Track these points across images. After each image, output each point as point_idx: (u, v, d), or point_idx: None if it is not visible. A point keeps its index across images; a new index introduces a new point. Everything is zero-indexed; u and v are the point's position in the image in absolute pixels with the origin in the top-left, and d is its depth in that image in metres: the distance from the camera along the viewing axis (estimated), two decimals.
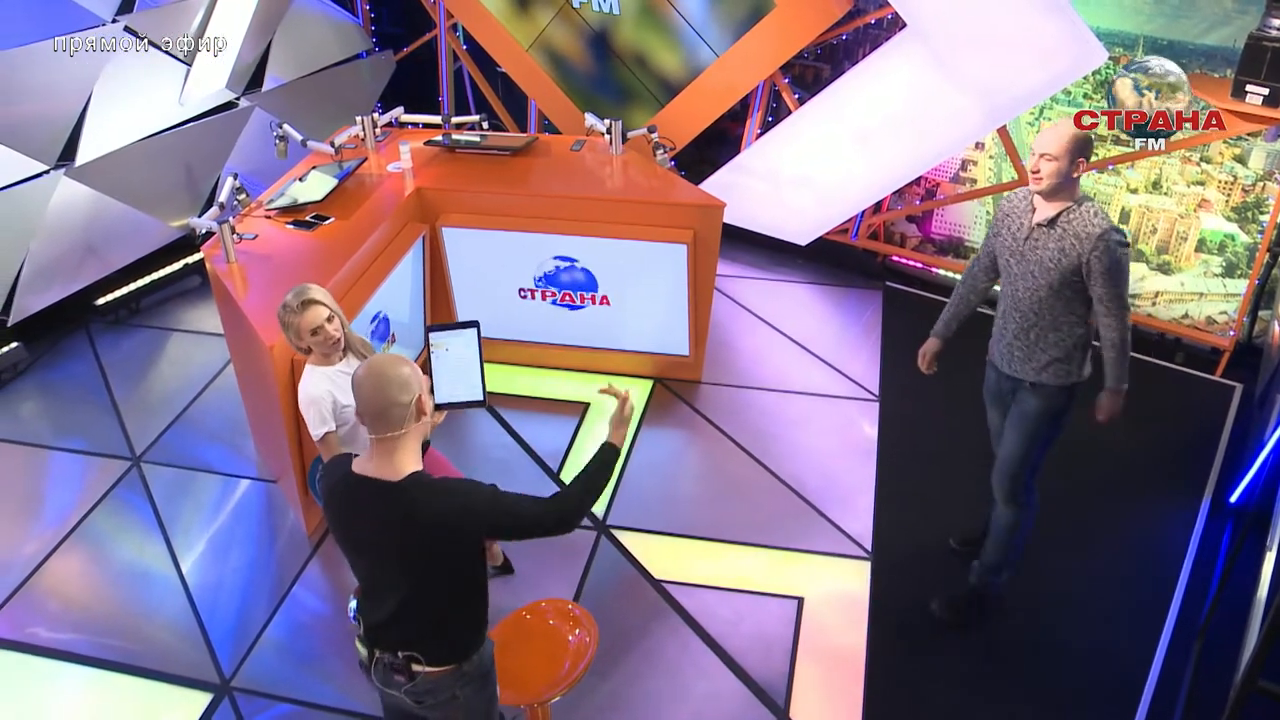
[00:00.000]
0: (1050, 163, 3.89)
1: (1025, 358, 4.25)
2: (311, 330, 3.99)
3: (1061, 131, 3.91)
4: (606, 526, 5.33)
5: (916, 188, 7.23)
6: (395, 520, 2.85)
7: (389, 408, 2.82)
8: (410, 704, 3.13)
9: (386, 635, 3.06)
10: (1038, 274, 4.06)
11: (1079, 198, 3.99)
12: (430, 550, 2.87)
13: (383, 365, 2.86)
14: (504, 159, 6.31)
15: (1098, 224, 3.90)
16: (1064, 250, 3.96)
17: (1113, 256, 3.90)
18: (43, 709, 4.53)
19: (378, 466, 2.88)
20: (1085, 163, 3.94)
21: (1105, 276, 3.94)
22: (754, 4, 6.83)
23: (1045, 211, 4.02)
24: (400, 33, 9.12)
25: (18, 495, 5.72)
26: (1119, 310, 4.02)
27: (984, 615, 4.75)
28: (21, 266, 6.62)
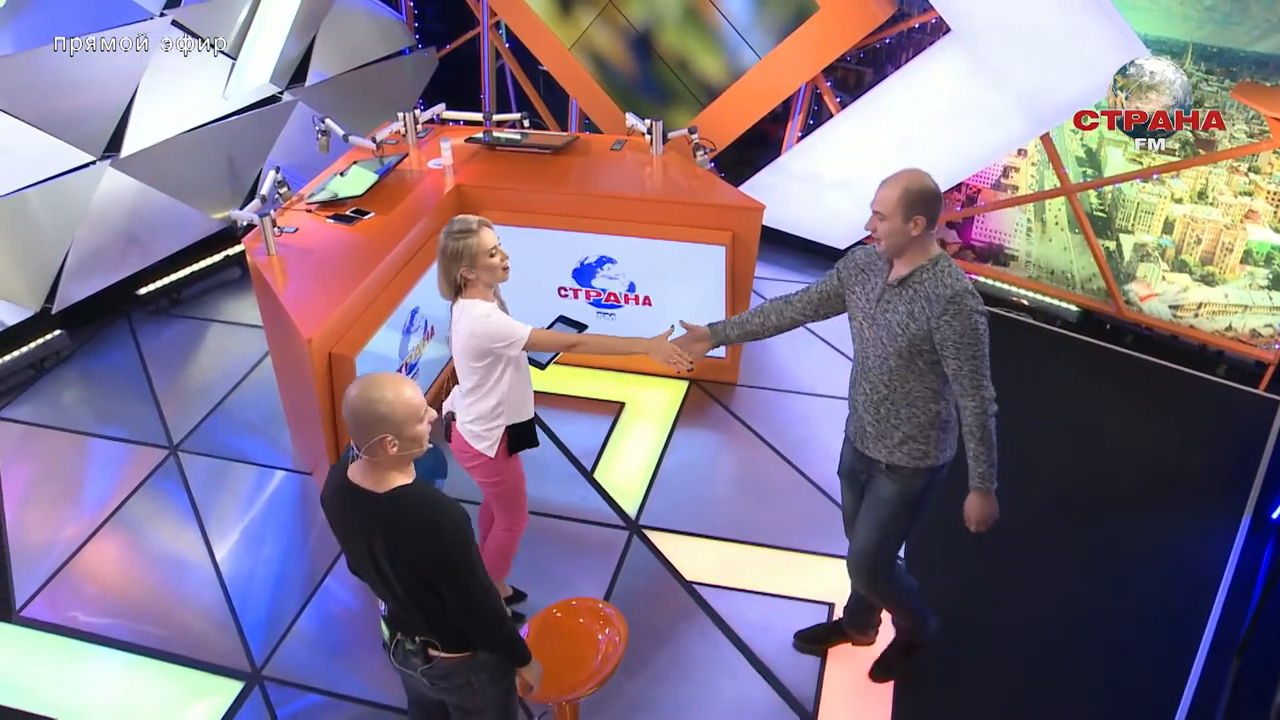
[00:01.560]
0: (883, 221, 3.49)
1: (877, 434, 3.80)
2: (489, 250, 3.84)
3: (891, 189, 3.47)
4: (639, 526, 5.32)
5: (957, 194, 7.17)
6: (376, 531, 2.88)
7: (357, 434, 2.83)
8: (427, 686, 3.19)
9: (404, 622, 3.12)
10: (887, 340, 3.61)
11: (934, 257, 3.53)
12: (408, 559, 2.88)
13: (363, 394, 2.80)
14: (544, 157, 6.32)
15: (949, 285, 3.46)
16: (913, 314, 3.52)
17: (965, 323, 3.45)
18: (78, 691, 4.57)
19: (364, 475, 2.90)
20: (924, 221, 3.45)
21: (957, 347, 3.49)
22: (797, 6, 6.80)
23: (898, 270, 3.58)
24: (443, 30, 9.16)
25: (58, 480, 5.79)
26: (975, 389, 3.57)
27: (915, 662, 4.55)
28: (66, 255, 6.71)
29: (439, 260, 3.89)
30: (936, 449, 3.79)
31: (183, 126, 7.15)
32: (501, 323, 3.85)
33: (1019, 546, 5.14)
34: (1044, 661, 4.60)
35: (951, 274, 3.50)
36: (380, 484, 2.88)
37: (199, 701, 4.50)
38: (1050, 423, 5.99)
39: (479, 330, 3.85)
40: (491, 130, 6.60)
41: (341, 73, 8.21)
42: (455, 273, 3.86)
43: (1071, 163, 6.52)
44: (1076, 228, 6.67)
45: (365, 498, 2.88)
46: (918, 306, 3.51)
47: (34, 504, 5.61)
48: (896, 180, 3.49)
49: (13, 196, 6.30)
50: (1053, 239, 6.87)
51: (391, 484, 2.88)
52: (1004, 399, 5.94)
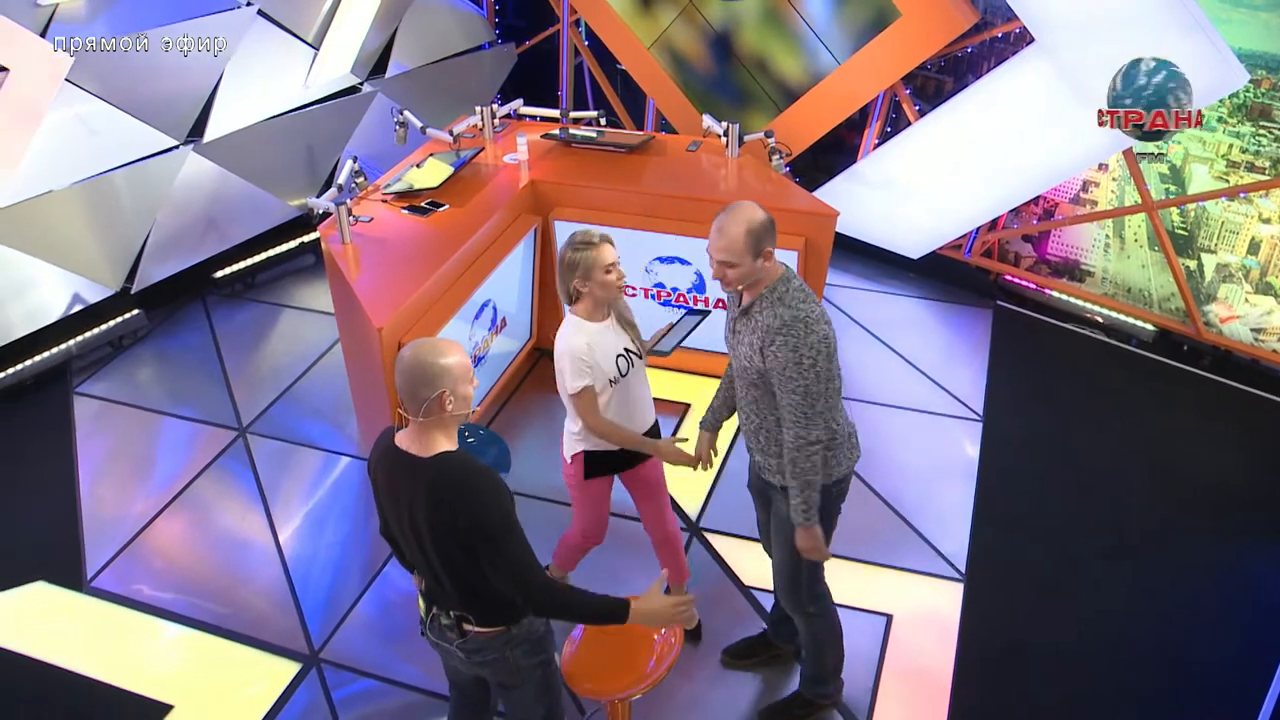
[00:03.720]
0: (733, 269, 3.36)
1: (763, 457, 3.70)
2: (606, 267, 3.84)
3: (732, 233, 3.31)
4: (699, 528, 5.30)
5: (1034, 206, 7.06)
6: (419, 496, 2.92)
7: (413, 395, 2.89)
8: (462, 660, 3.22)
9: (440, 596, 3.15)
10: (741, 370, 3.55)
11: (773, 283, 3.41)
12: (450, 529, 2.91)
13: (421, 353, 2.90)
14: (619, 156, 6.32)
15: (779, 315, 3.34)
16: (753, 345, 3.42)
17: (790, 354, 3.31)
18: (140, 663, 4.66)
19: (411, 441, 2.96)
20: (772, 250, 3.35)
21: (780, 377, 3.36)
22: (879, 12, 6.74)
23: (744, 300, 3.50)
24: (523, 26, 9.21)
25: (131, 456, 5.90)
26: (794, 422, 3.41)
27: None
28: (148, 237, 6.85)
29: (558, 268, 3.95)
30: (824, 467, 3.57)
31: (264, 114, 7.27)
32: (570, 360, 3.87)
33: (1086, 567, 5.06)
34: (1110, 687, 4.50)
35: (787, 301, 3.38)
36: (426, 448, 2.93)
37: (257, 680, 4.56)
38: (1122, 443, 5.87)
39: (557, 351, 3.93)
40: (568, 127, 6.62)
41: (421, 65, 8.29)
42: (570, 283, 3.89)
43: (1154, 179, 6.38)
44: (1156, 245, 6.53)
45: (411, 461, 2.94)
46: (755, 336, 3.42)
47: (107, 478, 5.73)
48: (731, 222, 3.33)
49: (99, 178, 6.45)
50: (1131, 256, 6.74)
51: (437, 448, 2.94)
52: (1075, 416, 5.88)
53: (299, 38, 7.26)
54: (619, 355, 3.98)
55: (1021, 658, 4.62)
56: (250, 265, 7.57)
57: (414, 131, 6.38)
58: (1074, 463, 5.73)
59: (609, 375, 3.95)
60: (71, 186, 6.35)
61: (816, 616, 4.02)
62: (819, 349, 3.35)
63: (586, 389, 3.89)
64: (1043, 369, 6.59)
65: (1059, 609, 4.84)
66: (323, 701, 4.47)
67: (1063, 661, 4.60)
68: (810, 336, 3.33)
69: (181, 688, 4.52)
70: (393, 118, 6.43)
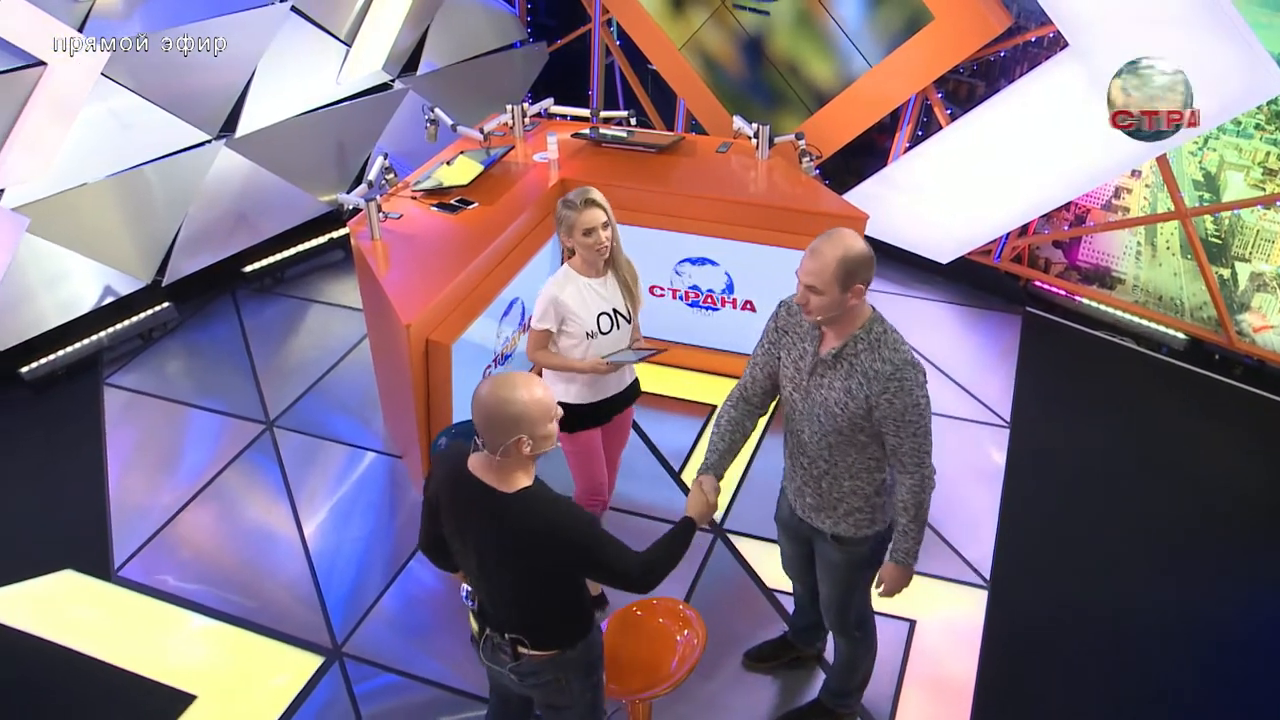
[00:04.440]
0: (817, 296, 3.15)
1: (817, 506, 3.56)
2: (585, 230, 3.99)
3: (825, 259, 3.11)
4: (723, 530, 5.29)
5: (1065, 213, 7.01)
6: (499, 528, 2.88)
7: (494, 438, 2.80)
8: (515, 682, 3.19)
9: (494, 618, 3.12)
10: (824, 419, 3.33)
11: (868, 322, 3.24)
12: (530, 559, 2.89)
13: (496, 392, 2.78)
14: (649, 156, 6.31)
15: (888, 360, 3.19)
16: (850, 391, 3.24)
17: (907, 399, 3.19)
18: (164, 653, 4.69)
19: (488, 472, 2.88)
20: (863, 288, 3.16)
21: (899, 424, 3.23)
22: (911, 16, 6.71)
23: (830, 341, 3.29)
24: (555, 25, 9.22)
25: (159, 447, 5.94)
26: (916, 466, 3.31)
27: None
28: (179, 230, 6.90)
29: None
30: (882, 515, 3.54)
31: (296, 110, 7.31)
32: (543, 301, 4.12)
33: (1112, 576, 5.02)
34: (1135, 697, 4.47)
35: (889, 344, 3.23)
36: (507, 483, 2.86)
37: (280, 672, 4.58)
38: (1151, 452, 5.83)
39: (540, 292, 4.15)
40: (598, 127, 6.62)
41: (453, 63, 8.31)
42: (561, 236, 4.08)
43: (1188, 186, 6.33)
44: (1189, 253, 6.48)
45: (490, 495, 2.86)
46: (855, 383, 3.23)
47: (135, 469, 5.77)
48: (828, 247, 3.14)
49: (132, 171, 6.51)
50: (1163, 264, 6.68)
51: (518, 484, 2.86)
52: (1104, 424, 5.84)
53: (332, 34, 7.30)
54: (603, 313, 4.13)
55: (1045, 666, 4.59)
56: (280, 260, 7.61)
57: (444, 129, 6.40)
58: (1102, 471, 5.69)
59: (586, 328, 4.12)
60: (105, 180, 6.40)
61: (860, 641, 4.00)
62: (925, 388, 3.26)
63: (544, 331, 4.13)
64: (1071, 376, 6.54)
65: (1084, 618, 4.81)
66: (345, 695, 4.48)
67: (1087, 671, 4.56)
68: (920, 377, 3.23)
69: (205, 678, 4.55)
70: (423, 115, 6.45)
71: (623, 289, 4.20)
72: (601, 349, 4.17)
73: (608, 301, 4.17)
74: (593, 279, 4.13)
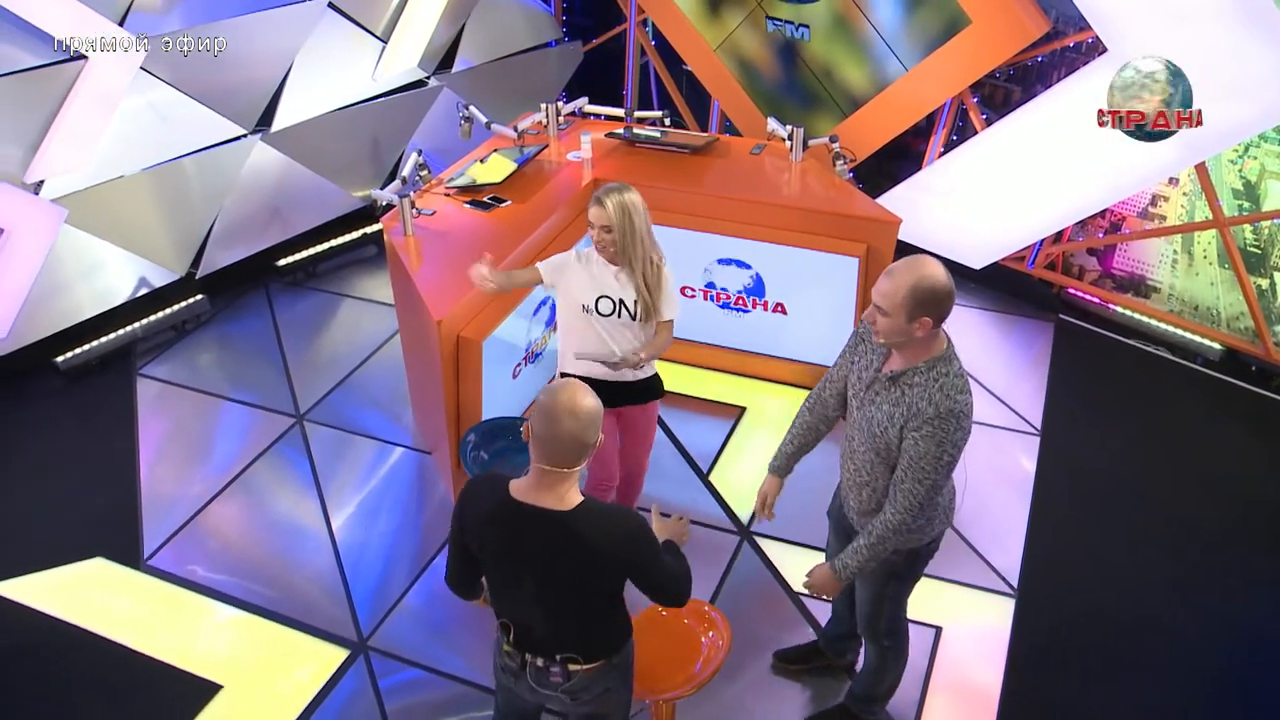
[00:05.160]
0: (884, 318, 3.11)
1: (859, 510, 3.58)
2: (590, 222, 4.12)
3: (898, 282, 3.05)
4: (750, 533, 5.28)
5: (1101, 220, 6.95)
6: (562, 549, 2.83)
7: (579, 448, 2.76)
8: (564, 701, 3.14)
9: (543, 642, 3.05)
10: (868, 435, 3.33)
11: (933, 358, 3.18)
12: (596, 572, 2.88)
13: (579, 402, 2.74)
14: (683, 157, 6.31)
15: (938, 404, 3.13)
16: (892, 418, 3.21)
17: (931, 446, 3.14)
18: (191, 642, 4.72)
19: (541, 495, 2.82)
20: (930, 322, 3.08)
21: (911, 463, 3.20)
22: (949, 19, 6.67)
23: (893, 363, 3.27)
24: (590, 24, 9.23)
25: (190, 439, 5.99)
26: (903, 510, 3.27)
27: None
28: (214, 224, 6.96)
29: None
30: (918, 534, 3.50)
31: (331, 105, 7.35)
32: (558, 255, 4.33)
33: (1142, 588, 4.97)
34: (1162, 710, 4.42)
35: (945, 386, 3.15)
36: (564, 502, 2.82)
37: (305, 664, 4.61)
38: (1184, 463, 5.77)
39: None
40: (632, 126, 6.62)
41: (488, 61, 8.33)
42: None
43: (1227, 194, 6.26)
44: (1226, 262, 6.41)
45: (546, 517, 2.81)
46: (899, 410, 3.20)
47: (166, 459, 5.82)
48: (904, 271, 3.08)
49: (169, 165, 6.56)
50: (1200, 273, 6.61)
51: (574, 500, 2.83)
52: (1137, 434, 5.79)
53: (368, 31, 7.33)
54: (604, 296, 4.19)
55: (1072, 676, 4.55)
56: (313, 254, 7.65)
57: (479, 127, 6.42)
58: (1133, 481, 5.64)
59: (580, 301, 4.23)
60: (142, 172, 6.47)
61: (890, 649, 3.99)
62: (960, 445, 3.19)
63: (537, 271, 4.30)
64: (1104, 385, 6.48)
65: (1112, 627, 4.76)
66: (369, 689, 4.50)
67: (1114, 681, 4.52)
68: (957, 433, 3.16)
69: (232, 669, 4.58)
70: (458, 112, 6.47)
71: (638, 288, 4.18)
72: (603, 330, 4.24)
73: (616, 290, 4.20)
74: (609, 265, 4.19)
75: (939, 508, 3.50)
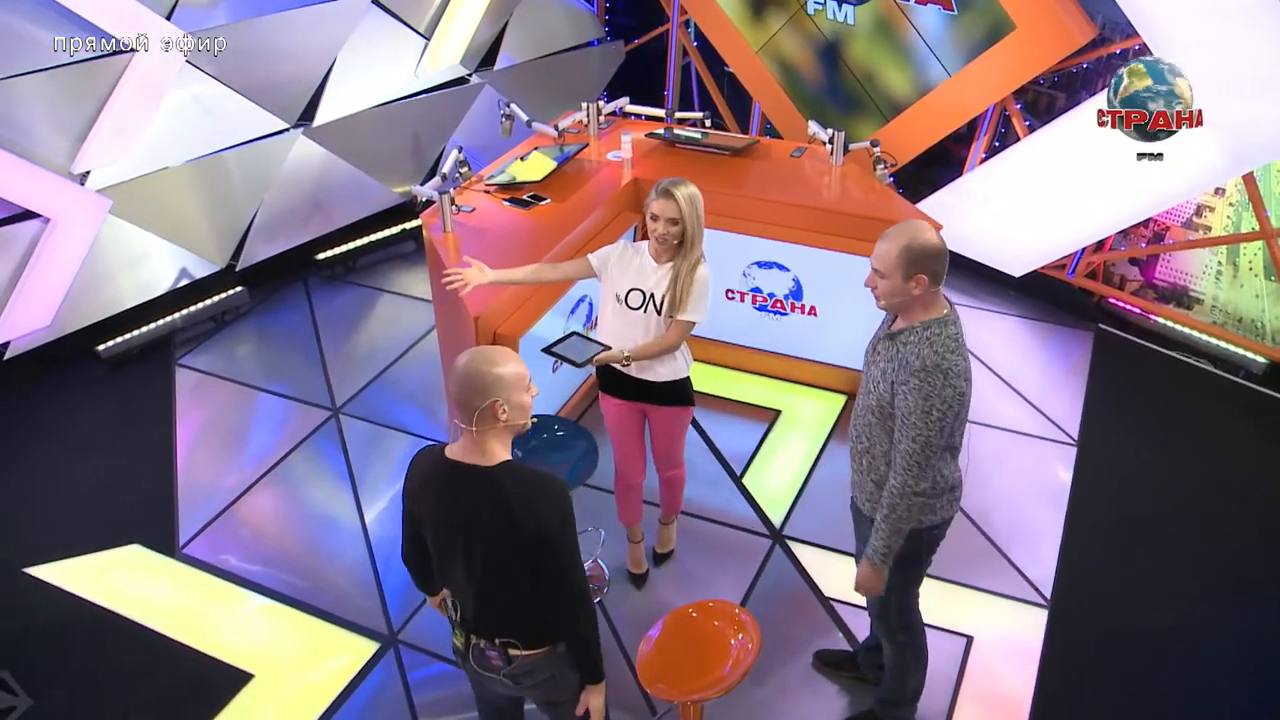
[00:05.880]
0: (882, 280, 3.28)
1: (860, 484, 3.64)
2: (651, 213, 4.09)
3: (892, 244, 3.23)
4: (782, 536, 5.26)
5: (1144, 229, 6.87)
6: (483, 504, 2.87)
7: (465, 405, 2.83)
8: (509, 686, 3.14)
9: (482, 623, 3.07)
10: (867, 389, 3.47)
11: (931, 319, 3.29)
12: (515, 536, 2.85)
13: (474, 362, 2.84)
14: (723, 158, 6.29)
15: (924, 356, 3.22)
16: (886, 373, 3.34)
17: (919, 400, 3.21)
18: (224, 631, 4.77)
19: (467, 453, 2.89)
20: (927, 280, 3.22)
21: (904, 421, 3.27)
22: (993, 24, 6.62)
23: (897, 324, 3.40)
24: (632, 24, 9.23)
25: (227, 429, 6.04)
26: (905, 469, 3.32)
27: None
28: (255, 216, 7.02)
29: None
30: (931, 506, 3.49)
31: (373, 101, 7.40)
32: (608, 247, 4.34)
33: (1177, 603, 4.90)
34: None
35: (935, 344, 3.24)
36: (487, 458, 2.87)
37: (335, 656, 4.63)
38: (1225, 478, 5.68)
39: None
40: (673, 127, 6.61)
41: (530, 59, 8.35)
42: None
43: (1275, 205, 6.17)
44: (1273, 275, 6.32)
45: (472, 472, 2.87)
46: (893, 366, 3.32)
47: (203, 449, 5.87)
48: (897, 235, 3.26)
49: (212, 157, 6.63)
50: (1244, 285, 6.53)
51: (499, 458, 2.88)
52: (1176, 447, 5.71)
53: (411, 27, 7.37)
54: (636, 289, 4.19)
55: (1104, 688, 4.49)
56: (352, 249, 7.70)
57: (519, 124, 6.43)
58: (1172, 495, 5.57)
59: (615, 291, 4.25)
60: (185, 164, 6.53)
61: (905, 645, 3.97)
62: (950, 404, 3.24)
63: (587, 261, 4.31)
64: (1144, 396, 6.41)
65: (1146, 641, 4.70)
66: (398, 682, 4.52)
67: (1146, 695, 4.46)
68: (946, 390, 3.22)
69: (263, 658, 4.61)
70: (499, 110, 6.49)
71: (672, 285, 4.16)
72: (625, 320, 4.24)
73: (651, 285, 4.18)
74: (654, 260, 4.19)
75: (941, 492, 3.49)
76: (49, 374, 6.39)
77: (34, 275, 6.01)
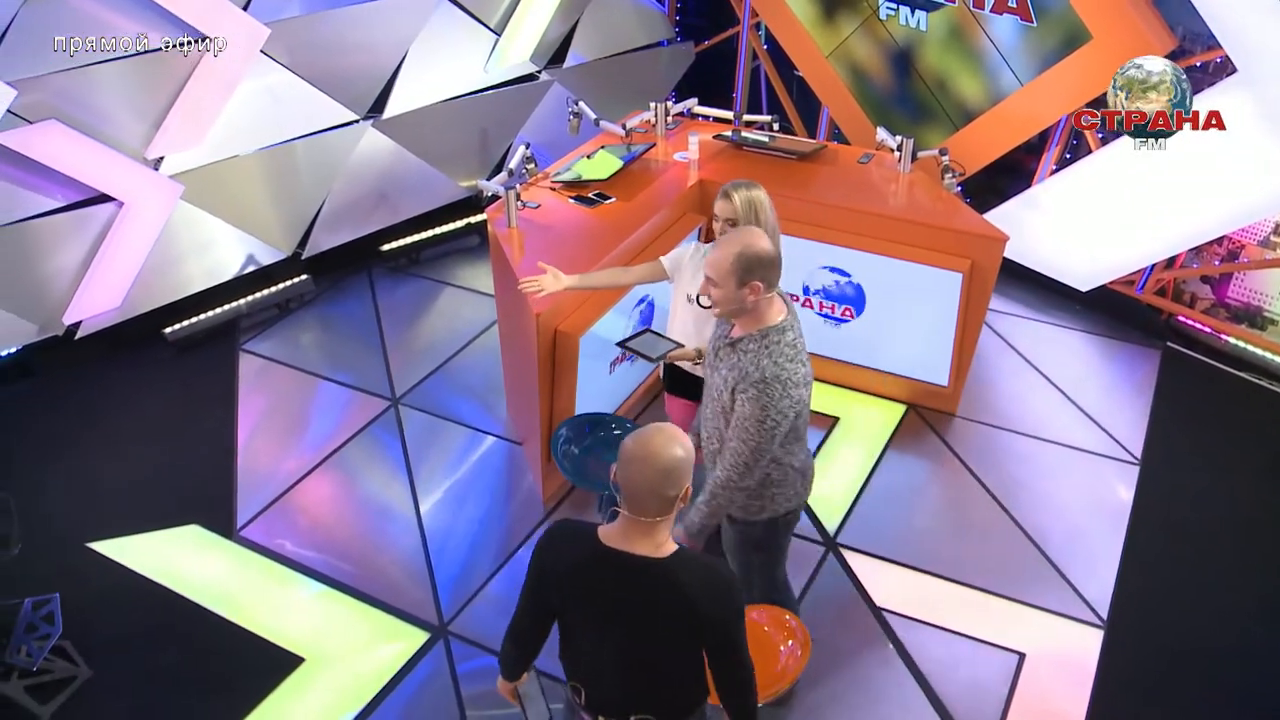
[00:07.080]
0: (715, 288, 3.31)
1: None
2: (713, 215, 4.11)
3: (724, 252, 3.26)
4: (836, 544, 5.22)
5: (1217, 246, 6.73)
6: (658, 597, 2.72)
7: (656, 499, 2.65)
8: None
9: (617, 703, 2.97)
10: (712, 396, 3.53)
11: (767, 327, 3.35)
12: (689, 623, 2.74)
13: (657, 450, 2.61)
14: (790, 162, 6.26)
15: (763, 368, 3.28)
16: (726, 380, 3.38)
17: (758, 411, 3.28)
18: (276, 614, 4.83)
19: (633, 542, 2.71)
20: (761, 286, 3.27)
21: (739, 426, 3.34)
22: (1069, 34, 6.52)
23: (735, 330, 3.45)
24: (703, 25, 9.21)
25: (287, 415, 6.12)
26: (734, 465, 3.40)
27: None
28: (322, 206, 7.10)
29: None
30: (771, 504, 3.64)
31: (442, 95, 7.44)
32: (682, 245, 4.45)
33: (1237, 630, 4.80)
34: None
35: (774, 353, 3.32)
36: (660, 549, 2.72)
37: (386, 644, 4.67)
38: None
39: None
40: (740, 130, 6.59)
41: (599, 58, 8.36)
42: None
43: None
44: None
45: (643, 565, 2.71)
46: (733, 374, 3.36)
47: (263, 434, 5.95)
48: (729, 242, 3.30)
49: (282, 146, 6.71)
50: None
51: (669, 547, 2.74)
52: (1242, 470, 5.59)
53: (483, 23, 7.41)
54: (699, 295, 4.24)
55: (1159, 711, 4.41)
56: (417, 241, 7.76)
57: (587, 122, 6.44)
58: (1236, 519, 5.44)
59: (686, 290, 4.33)
60: (256, 153, 6.62)
61: None
62: (786, 413, 3.34)
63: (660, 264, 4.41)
64: (1210, 417, 6.27)
65: (1203, 668, 4.60)
66: (447, 672, 4.55)
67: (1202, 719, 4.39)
68: (783, 401, 3.31)
69: (314, 643, 4.67)
70: (567, 107, 6.50)
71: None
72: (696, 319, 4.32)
73: None
74: None
75: (789, 480, 3.63)
76: (117, 355, 6.51)
77: (106, 257, 6.13)
